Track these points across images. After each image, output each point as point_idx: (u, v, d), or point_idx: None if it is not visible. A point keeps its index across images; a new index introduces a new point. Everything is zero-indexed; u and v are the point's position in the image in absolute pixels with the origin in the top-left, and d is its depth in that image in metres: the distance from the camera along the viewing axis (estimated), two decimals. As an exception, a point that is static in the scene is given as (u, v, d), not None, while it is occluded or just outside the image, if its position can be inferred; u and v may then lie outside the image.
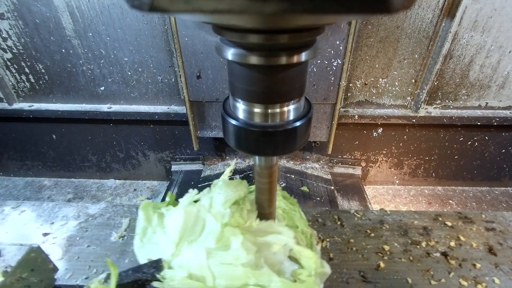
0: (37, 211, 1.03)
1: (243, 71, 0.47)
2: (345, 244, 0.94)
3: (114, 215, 1.01)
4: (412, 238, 0.97)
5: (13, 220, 0.99)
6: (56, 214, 1.02)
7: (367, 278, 0.85)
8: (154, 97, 1.86)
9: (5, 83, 1.83)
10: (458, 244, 0.95)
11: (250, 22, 0.35)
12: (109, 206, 1.05)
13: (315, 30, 0.43)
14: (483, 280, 0.85)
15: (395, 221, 1.03)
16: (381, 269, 0.87)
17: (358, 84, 1.78)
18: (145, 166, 2.19)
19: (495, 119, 1.80)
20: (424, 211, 1.08)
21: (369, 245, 0.94)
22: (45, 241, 0.92)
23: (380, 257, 0.91)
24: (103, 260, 0.86)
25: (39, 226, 0.98)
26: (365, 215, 1.05)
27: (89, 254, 0.88)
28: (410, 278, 0.85)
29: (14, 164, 2.20)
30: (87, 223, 0.98)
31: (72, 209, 1.04)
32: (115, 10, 1.56)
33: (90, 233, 0.95)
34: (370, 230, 0.99)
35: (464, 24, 1.55)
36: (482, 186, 2.16)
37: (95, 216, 1.01)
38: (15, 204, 1.05)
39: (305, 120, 0.54)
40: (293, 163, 2.10)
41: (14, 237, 0.94)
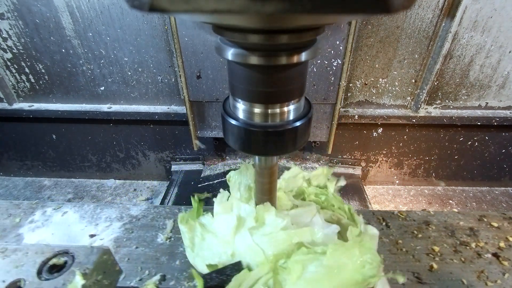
0: (79, 212, 1.03)
1: (243, 71, 0.48)
2: (393, 245, 0.94)
3: (157, 217, 1.01)
4: (460, 239, 0.96)
5: (57, 222, 0.99)
6: (99, 216, 1.02)
7: (422, 279, 0.84)
8: (154, 97, 1.86)
9: (5, 83, 1.83)
10: (507, 245, 0.94)
11: (250, 22, 0.35)
12: (151, 208, 1.05)
13: (315, 30, 0.43)
14: None
15: (440, 222, 1.02)
16: (434, 270, 0.87)
17: (358, 84, 1.78)
18: (145, 166, 2.19)
19: (495, 119, 1.80)
20: (467, 212, 1.08)
21: (418, 246, 0.93)
22: (92, 243, 0.92)
23: (432, 258, 0.90)
24: (153, 261, 0.85)
25: (84, 227, 0.98)
26: (409, 215, 1.05)
27: (139, 255, 0.88)
28: (465, 279, 0.84)
29: (14, 164, 2.20)
30: (131, 225, 0.98)
31: (114, 210, 1.04)
32: (115, 10, 1.56)
33: (136, 234, 0.95)
34: (417, 230, 0.99)
35: (464, 24, 1.55)
36: (482, 186, 2.16)
37: (138, 218, 1.01)
38: (56, 205, 1.05)
39: (305, 120, 0.54)
40: (293, 163, 2.10)
41: (61, 238, 0.94)
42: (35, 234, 0.95)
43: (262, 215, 0.70)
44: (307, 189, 0.88)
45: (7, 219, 1.00)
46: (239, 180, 0.84)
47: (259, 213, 0.70)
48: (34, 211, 1.03)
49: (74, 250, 0.72)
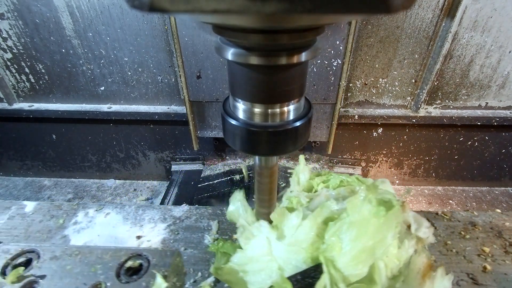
0: (122, 213, 1.03)
1: (243, 71, 0.48)
2: (443, 246, 0.94)
3: (200, 218, 1.01)
4: (509, 240, 0.96)
5: (101, 223, 0.99)
6: (141, 217, 1.02)
7: (478, 280, 0.84)
8: (154, 97, 1.86)
9: (5, 83, 1.83)
10: None
11: (250, 22, 0.35)
12: (192, 209, 1.05)
13: (315, 30, 0.43)
14: None
15: (486, 223, 1.02)
16: (488, 271, 0.86)
17: (358, 84, 1.78)
18: (145, 166, 2.19)
19: (495, 119, 1.80)
20: (511, 213, 1.08)
21: (468, 247, 0.93)
22: (139, 244, 0.92)
23: (483, 259, 0.90)
24: (204, 263, 0.85)
25: (129, 228, 0.98)
26: (453, 216, 1.04)
27: (189, 257, 0.88)
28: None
29: (14, 164, 2.20)
30: (176, 226, 0.98)
31: (156, 211, 1.04)
32: (115, 10, 1.56)
33: (182, 235, 0.95)
34: (463, 231, 0.98)
35: (464, 24, 1.55)
36: (482, 186, 2.16)
37: (182, 219, 1.01)
38: (97, 206, 1.05)
39: (305, 120, 0.54)
40: (293, 163, 2.10)
41: (107, 239, 0.94)
42: (80, 235, 0.95)
43: (276, 222, 0.71)
44: (313, 181, 0.89)
45: (50, 220, 1.00)
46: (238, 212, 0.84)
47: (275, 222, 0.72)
48: (76, 213, 1.03)
49: (147, 252, 0.72)
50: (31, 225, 0.98)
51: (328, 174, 0.91)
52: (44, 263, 0.73)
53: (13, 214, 1.02)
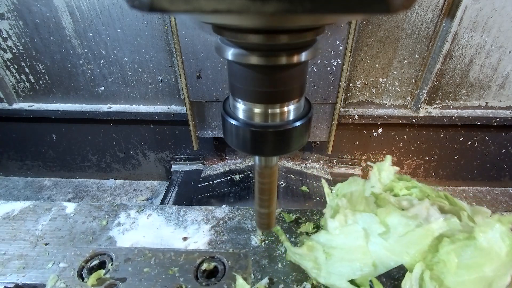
0: (164, 214, 1.04)
1: (243, 71, 0.47)
2: None
3: (243, 219, 1.01)
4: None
5: (144, 224, 1.00)
6: (184, 218, 1.02)
7: None
8: (154, 97, 1.86)
9: (5, 83, 1.83)
10: None
11: (250, 22, 0.35)
12: (234, 210, 1.05)
13: (315, 30, 0.43)
14: None
15: None
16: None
17: (358, 84, 1.78)
18: (145, 166, 2.19)
19: (495, 119, 1.80)
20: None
21: None
22: (186, 246, 0.92)
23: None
24: (254, 264, 0.85)
25: (173, 230, 0.98)
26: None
27: None
28: None
29: (14, 164, 2.20)
30: (220, 227, 0.98)
31: (198, 212, 1.04)
32: (115, 10, 1.56)
33: (228, 237, 0.95)
34: None
35: (464, 24, 1.55)
36: (482, 186, 2.16)
37: (225, 220, 1.01)
38: (138, 208, 1.06)
39: (305, 120, 0.54)
40: (293, 163, 2.10)
41: (153, 241, 0.94)
42: (125, 236, 0.96)
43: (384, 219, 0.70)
44: (397, 184, 0.87)
45: (93, 222, 1.01)
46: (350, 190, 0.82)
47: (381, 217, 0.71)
48: (118, 214, 1.04)
49: (220, 255, 0.73)
50: (74, 226, 0.99)
51: (412, 182, 0.89)
52: (120, 265, 0.74)
53: (54, 215, 1.03)
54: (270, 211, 0.73)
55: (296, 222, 0.99)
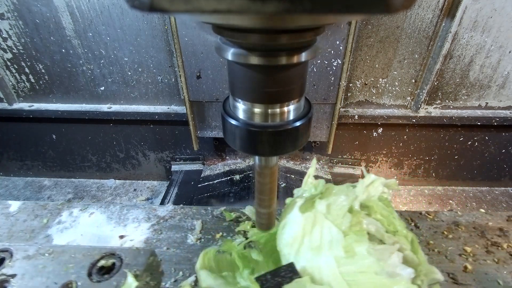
0: (106, 213, 1.03)
1: (243, 71, 0.47)
2: (425, 246, 0.94)
3: (184, 217, 1.01)
4: (491, 240, 0.96)
5: (85, 223, 0.99)
6: (126, 216, 1.02)
7: (458, 280, 0.84)
8: (154, 97, 1.86)
9: (5, 83, 1.83)
10: None
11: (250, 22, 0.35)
12: (177, 208, 1.05)
13: (315, 30, 0.42)
14: None
15: (469, 223, 1.02)
16: (469, 271, 0.87)
17: (358, 84, 1.78)
18: (145, 166, 2.19)
19: (495, 119, 1.80)
20: (495, 213, 1.08)
21: (450, 247, 0.93)
22: (122, 244, 0.92)
23: (465, 259, 0.90)
24: (186, 262, 0.85)
25: (113, 228, 0.98)
26: (437, 216, 1.05)
27: (171, 256, 0.88)
28: (500, 280, 0.84)
29: (14, 164, 2.20)
30: (160, 226, 0.98)
31: (140, 211, 1.04)
32: (115, 10, 1.56)
33: (165, 235, 0.95)
34: (447, 231, 0.99)
35: (464, 24, 1.55)
36: (482, 186, 2.16)
37: (166, 218, 1.01)
38: (82, 206, 1.05)
39: (305, 120, 0.54)
40: (293, 163, 2.10)
41: (91, 239, 0.94)
42: (64, 235, 0.95)
43: (352, 246, 0.66)
44: (375, 205, 0.79)
45: (34, 220, 1.00)
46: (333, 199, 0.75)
47: (348, 242, 0.66)
48: (61, 212, 1.03)
49: (120, 251, 0.72)
50: (15, 224, 0.98)
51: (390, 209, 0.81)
52: (17, 262, 0.73)
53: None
54: (270, 211, 0.73)
55: (236, 221, 1.00)
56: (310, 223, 0.70)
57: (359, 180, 0.82)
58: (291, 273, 0.67)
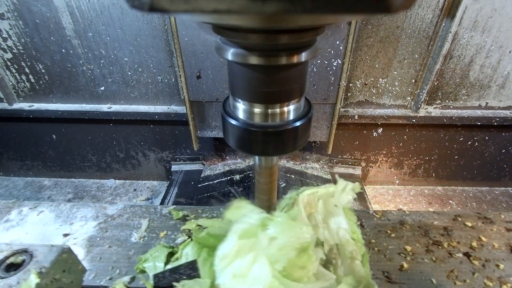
0: (55, 211, 1.03)
1: (243, 71, 0.47)
2: (366, 245, 0.94)
3: (132, 216, 1.02)
4: (433, 239, 0.97)
5: (33, 221, 0.99)
6: (74, 215, 1.02)
7: (392, 278, 0.86)
8: (154, 97, 1.86)
9: (5, 83, 1.83)
10: (480, 245, 0.95)
11: (250, 22, 0.35)
12: (127, 207, 1.06)
13: (315, 30, 0.42)
14: (508, 280, 0.85)
15: (415, 222, 1.03)
16: (404, 269, 0.88)
17: (358, 84, 1.78)
18: (145, 166, 2.19)
19: (495, 119, 1.80)
20: (443, 212, 1.08)
21: (391, 246, 0.95)
22: (65, 242, 0.92)
23: (403, 257, 0.91)
24: (125, 261, 0.86)
25: (59, 226, 0.98)
26: (384, 215, 1.05)
27: (111, 254, 0.89)
28: (434, 279, 0.85)
29: (14, 164, 2.20)
30: (106, 224, 0.99)
31: (90, 209, 1.04)
32: (115, 10, 1.56)
33: (110, 233, 0.96)
34: (391, 230, 1.00)
35: (464, 24, 1.55)
36: (482, 186, 2.16)
37: (114, 217, 1.02)
38: (33, 204, 1.05)
39: (305, 120, 0.54)
40: (293, 163, 2.10)
41: (35, 237, 0.94)
42: (9, 233, 0.95)
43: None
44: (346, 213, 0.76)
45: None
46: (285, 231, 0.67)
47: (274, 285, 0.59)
48: (11, 211, 1.03)
49: (33, 248, 0.71)
50: None
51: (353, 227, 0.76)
52: None
53: None
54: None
55: (183, 219, 1.01)
56: (247, 248, 0.64)
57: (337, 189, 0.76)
58: (191, 270, 0.66)
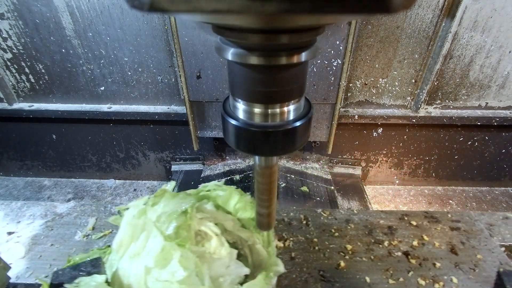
0: (5, 210, 1.04)
1: (243, 71, 0.47)
2: (308, 244, 0.95)
3: (81, 214, 1.03)
4: (376, 238, 0.98)
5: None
6: (24, 213, 1.03)
7: (326, 277, 0.86)
8: (154, 97, 1.86)
9: (5, 83, 1.83)
10: (421, 244, 0.97)
11: (250, 22, 0.35)
12: (77, 206, 1.06)
13: (315, 30, 0.42)
14: (441, 279, 0.86)
15: (361, 221, 1.04)
16: (341, 268, 0.89)
17: (358, 84, 1.78)
18: (145, 166, 2.19)
19: (495, 119, 1.80)
20: (391, 211, 1.09)
21: (332, 245, 0.95)
22: (9, 240, 0.93)
23: (342, 256, 0.92)
24: (65, 259, 0.86)
25: (6, 225, 0.98)
26: (332, 214, 1.06)
27: (52, 253, 0.90)
28: (369, 277, 0.86)
29: (14, 164, 2.20)
30: (54, 222, 1.00)
31: (40, 208, 1.05)
32: (115, 10, 1.56)
33: (56, 232, 0.96)
34: (335, 229, 1.00)
35: (464, 24, 1.55)
36: (482, 186, 2.16)
37: (62, 215, 1.02)
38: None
39: (305, 120, 0.53)
40: (293, 163, 2.10)
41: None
42: None
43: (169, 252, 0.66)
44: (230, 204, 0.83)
45: None
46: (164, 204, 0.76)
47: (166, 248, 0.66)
48: None
49: None
50: None
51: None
52: None
53: None
54: (270, 211, 0.73)
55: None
56: (140, 230, 0.71)
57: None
58: (92, 267, 0.67)
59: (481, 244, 0.97)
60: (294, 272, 0.87)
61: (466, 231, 1.01)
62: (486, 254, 0.93)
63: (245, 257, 0.81)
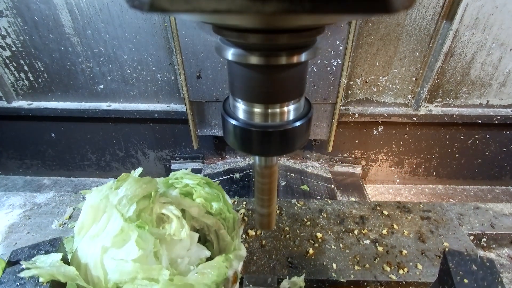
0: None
1: (243, 71, 0.47)
2: (279, 232, 0.98)
3: (59, 204, 1.05)
4: (347, 227, 1.01)
5: None
6: (3, 203, 1.05)
7: (294, 263, 0.89)
8: (153, 95, 1.86)
9: (4, 81, 1.82)
10: (390, 232, 1.00)
11: (250, 22, 0.35)
12: (56, 196, 1.08)
13: (315, 30, 0.42)
14: (406, 265, 0.89)
15: (334, 211, 1.07)
16: (309, 255, 0.92)
17: (358, 82, 1.78)
18: (144, 164, 2.18)
19: (496, 118, 1.80)
20: (364, 201, 1.11)
21: (303, 233, 0.98)
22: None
23: (311, 244, 0.95)
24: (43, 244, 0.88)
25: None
26: (306, 204, 1.07)
27: (27, 240, 0.92)
28: (335, 264, 0.89)
29: (13, 163, 2.20)
30: (32, 212, 1.02)
31: (19, 198, 1.06)
32: (114, 7, 1.55)
33: (33, 221, 0.99)
34: (308, 219, 1.03)
35: (465, 22, 1.54)
36: (483, 185, 2.16)
37: (41, 205, 1.05)
38: None
39: (305, 120, 0.53)
40: (293, 161, 2.10)
41: None
42: None
43: (127, 233, 0.69)
44: (197, 192, 0.85)
45: None
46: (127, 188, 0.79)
47: (125, 230, 0.69)
48: None
49: None
50: None
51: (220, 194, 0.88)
52: None
53: None
54: (270, 211, 0.73)
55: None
56: (101, 212, 0.75)
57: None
58: (50, 247, 0.69)
59: (449, 232, 1.00)
60: (262, 259, 0.90)
61: (436, 220, 1.04)
62: (453, 242, 0.96)
63: (211, 243, 0.85)
